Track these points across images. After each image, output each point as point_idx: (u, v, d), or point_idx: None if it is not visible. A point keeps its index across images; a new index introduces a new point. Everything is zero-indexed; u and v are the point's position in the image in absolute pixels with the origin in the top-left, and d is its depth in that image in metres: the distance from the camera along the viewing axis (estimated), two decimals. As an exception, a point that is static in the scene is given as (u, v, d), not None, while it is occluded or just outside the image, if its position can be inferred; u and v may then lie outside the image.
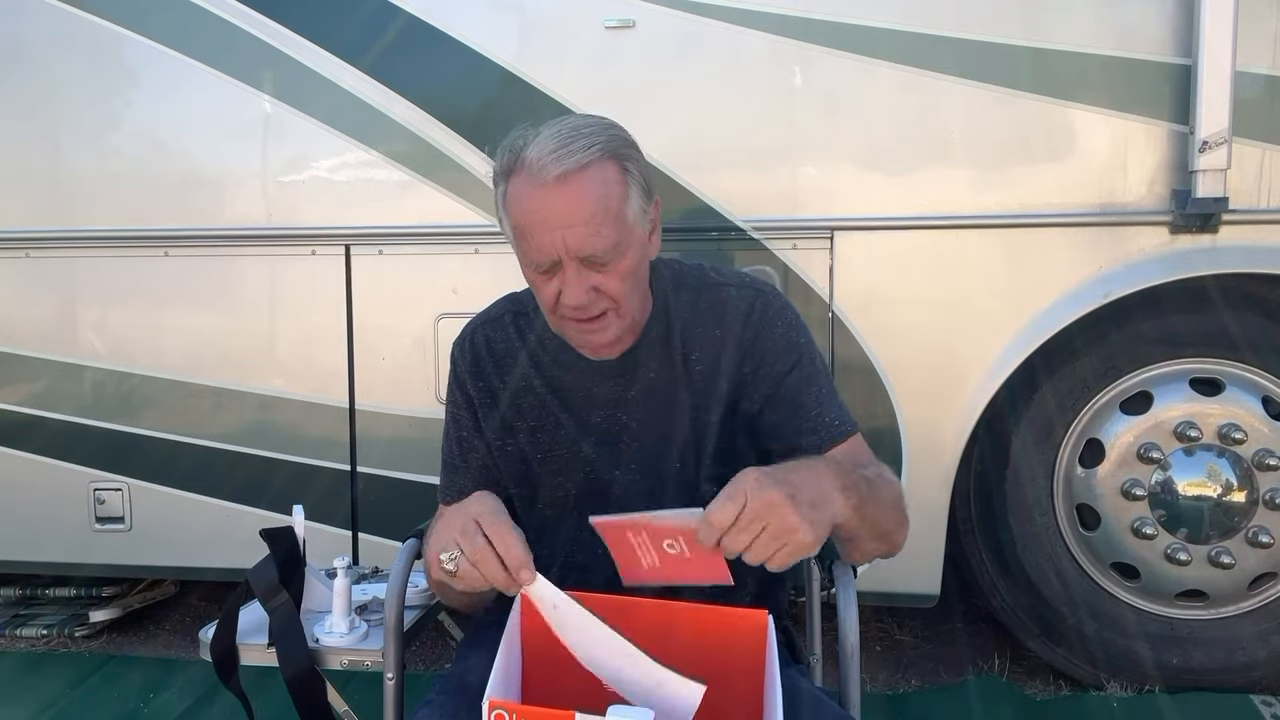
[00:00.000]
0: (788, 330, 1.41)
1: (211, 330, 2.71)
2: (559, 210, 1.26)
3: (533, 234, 1.28)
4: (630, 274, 1.32)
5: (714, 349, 1.41)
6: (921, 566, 2.48)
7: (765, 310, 1.41)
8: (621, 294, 1.32)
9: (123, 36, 2.66)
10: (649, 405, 1.42)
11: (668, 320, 1.43)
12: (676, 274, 1.47)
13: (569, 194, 1.26)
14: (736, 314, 1.41)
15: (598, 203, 1.27)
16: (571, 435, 1.45)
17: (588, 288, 1.29)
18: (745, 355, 1.40)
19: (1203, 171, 2.29)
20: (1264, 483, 2.44)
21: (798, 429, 1.38)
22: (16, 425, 2.81)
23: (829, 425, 1.39)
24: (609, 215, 1.28)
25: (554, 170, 1.25)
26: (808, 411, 1.39)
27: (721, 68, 2.45)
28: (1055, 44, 2.35)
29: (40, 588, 3.21)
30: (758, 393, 1.40)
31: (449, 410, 1.52)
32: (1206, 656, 2.51)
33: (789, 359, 1.40)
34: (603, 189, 1.28)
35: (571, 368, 1.44)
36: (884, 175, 2.44)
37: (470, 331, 1.51)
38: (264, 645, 1.70)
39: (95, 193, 2.72)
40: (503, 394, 1.46)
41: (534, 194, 1.27)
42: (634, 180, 1.32)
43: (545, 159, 1.25)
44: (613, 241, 1.28)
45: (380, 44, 2.55)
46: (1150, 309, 2.42)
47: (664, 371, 1.42)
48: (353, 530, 2.69)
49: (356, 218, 2.62)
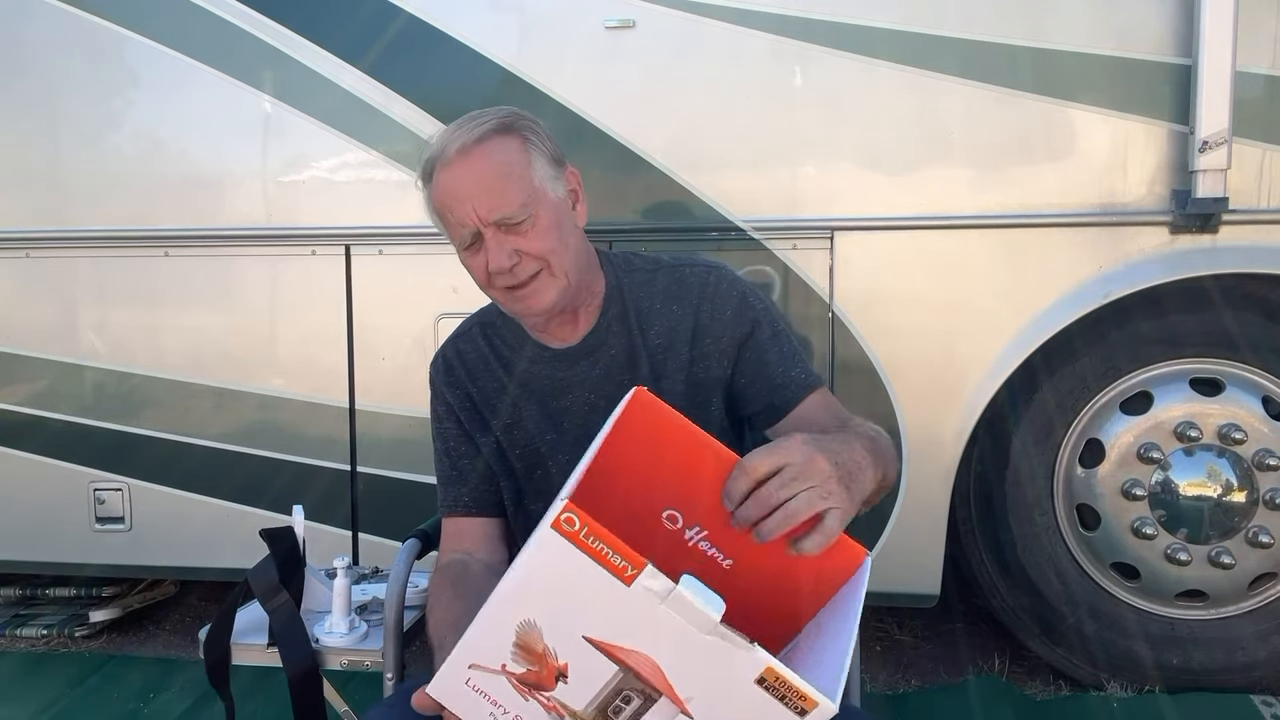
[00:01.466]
0: (742, 299, 1.45)
1: (211, 330, 2.71)
2: (465, 181, 1.34)
3: (450, 212, 1.36)
4: (550, 231, 1.37)
5: (671, 322, 1.45)
6: (921, 566, 2.48)
7: (719, 283, 1.46)
8: (545, 251, 1.36)
9: (123, 37, 2.66)
10: (614, 382, 1.45)
11: (623, 300, 1.48)
12: (627, 261, 1.53)
13: (470, 164, 1.34)
14: (690, 289, 1.46)
15: (499, 167, 1.35)
16: (545, 426, 1.47)
17: (509, 251, 1.35)
18: (703, 328, 1.44)
19: (1203, 171, 2.29)
20: (1264, 483, 2.44)
21: (768, 387, 1.42)
22: (16, 425, 2.81)
23: (796, 380, 1.42)
24: (512, 178, 1.35)
25: (454, 147, 1.34)
26: (774, 369, 1.43)
27: (721, 68, 2.45)
28: (1055, 44, 2.35)
29: (40, 588, 3.21)
30: (724, 360, 1.44)
31: (435, 427, 1.55)
32: (1206, 656, 2.51)
33: (746, 324, 1.44)
34: (502, 155, 1.35)
35: (539, 359, 1.48)
36: (884, 175, 2.44)
37: (442, 349, 1.57)
38: (263, 645, 1.70)
39: (95, 193, 2.72)
40: (479, 398, 1.51)
41: (443, 176, 1.36)
42: (535, 148, 1.38)
43: (448, 142, 1.35)
44: (519, 202, 1.34)
45: (380, 44, 2.55)
46: (1150, 309, 2.42)
47: (624, 348, 1.46)
48: (353, 530, 2.69)
49: (356, 218, 2.62)
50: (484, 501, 1.51)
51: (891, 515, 2.48)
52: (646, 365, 1.45)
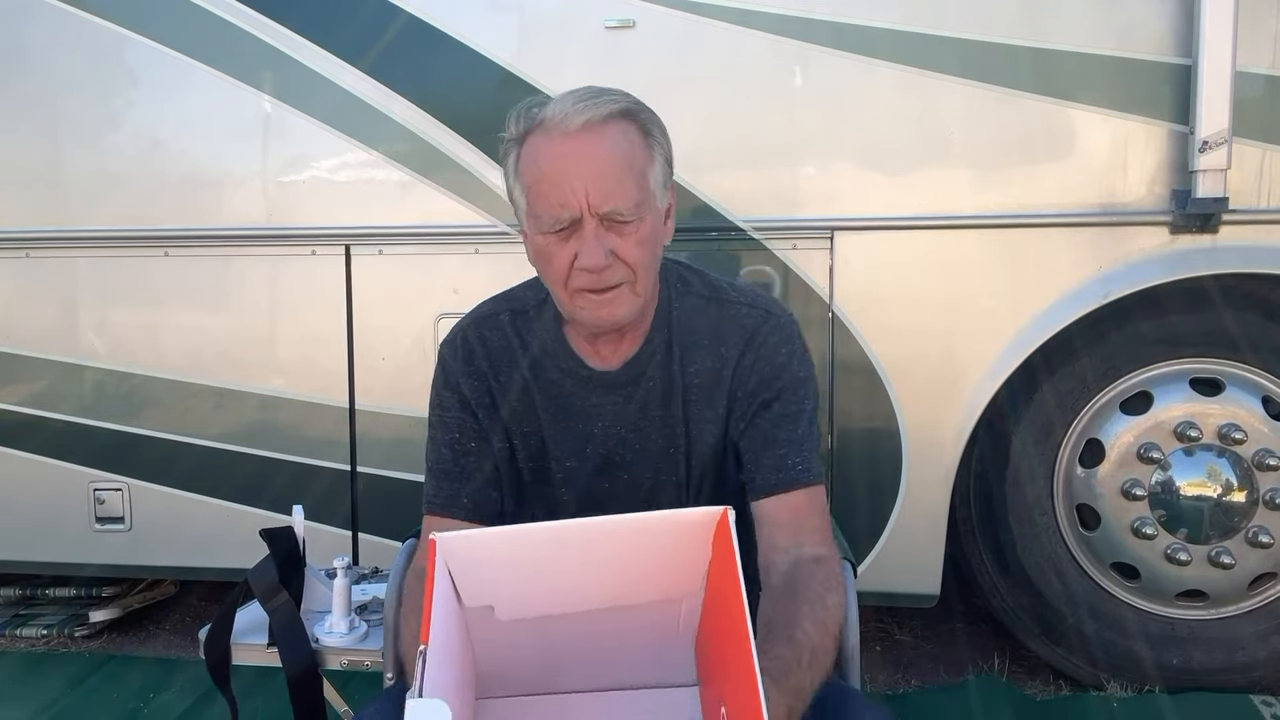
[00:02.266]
0: (788, 360, 1.35)
1: (211, 330, 2.71)
2: (585, 159, 1.21)
3: (552, 187, 1.22)
4: (647, 242, 1.26)
5: (714, 364, 1.36)
6: (921, 566, 2.48)
7: (769, 336, 1.35)
8: (637, 262, 1.25)
9: (123, 37, 2.66)
10: (647, 417, 1.38)
11: (669, 328, 1.37)
12: (682, 277, 1.41)
13: (595, 141, 1.21)
14: (741, 333, 1.36)
15: (623, 156, 1.23)
16: (565, 447, 1.39)
17: (606, 250, 1.22)
18: (741, 377, 1.35)
19: (1203, 171, 2.29)
20: (1264, 483, 2.44)
21: (762, 462, 1.33)
22: (16, 425, 2.81)
23: (790, 468, 1.32)
24: (633, 170, 1.23)
25: (578, 119, 1.21)
26: (777, 448, 1.33)
27: (721, 68, 2.45)
28: (1055, 44, 2.35)
29: (40, 588, 3.21)
30: (743, 417, 1.36)
31: (437, 414, 1.42)
32: (1206, 656, 2.51)
33: (775, 388, 1.34)
34: (627, 145, 1.24)
35: (572, 374, 1.38)
36: (884, 175, 2.44)
37: (462, 329, 1.43)
38: (263, 645, 1.70)
39: (95, 193, 2.72)
40: (499, 394, 1.39)
41: (556, 144, 1.22)
42: (658, 148, 1.28)
43: (569, 110, 1.22)
44: (635, 200, 1.23)
45: (380, 44, 2.55)
46: (1150, 309, 2.42)
47: (662, 380, 1.37)
48: (353, 530, 2.68)
49: (356, 218, 2.62)
50: (483, 508, 1.39)
51: (891, 515, 2.48)
52: (681, 406, 1.36)
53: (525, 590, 1.00)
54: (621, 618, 1.02)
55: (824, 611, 1.20)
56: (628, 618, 1.02)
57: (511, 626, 1.02)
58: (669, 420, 1.37)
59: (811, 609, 1.19)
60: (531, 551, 0.99)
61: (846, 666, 1.41)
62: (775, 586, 1.25)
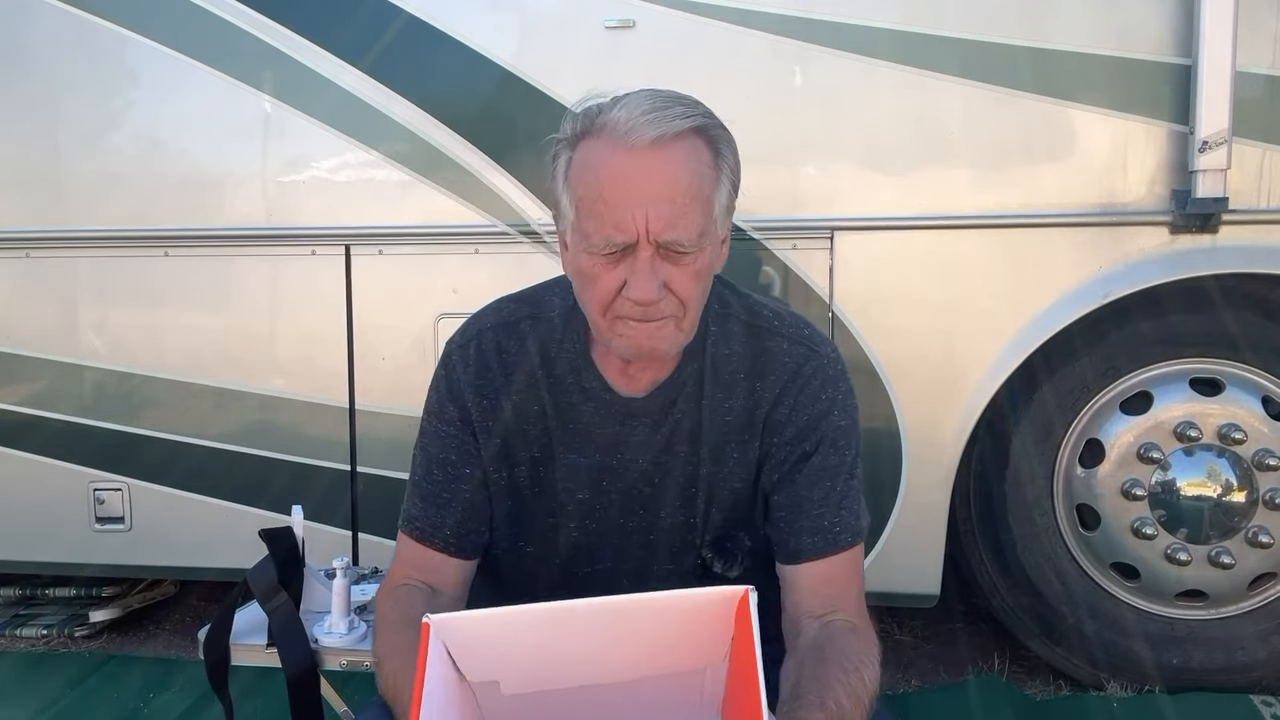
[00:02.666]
0: (829, 406, 1.25)
1: (211, 330, 2.71)
2: (649, 180, 1.08)
3: (610, 206, 1.09)
4: (703, 275, 1.15)
5: (748, 403, 1.25)
6: (921, 566, 2.48)
7: (812, 378, 1.24)
8: (690, 298, 1.14)
9: (123, 37, 2.66)
10: (671, 451, 1.26)
11: (704, 355, 1.25)
12: (722, 297, 1.28)
13: (662, 161, 1.09)
14: (782, 371, 1.25)
15: (692, 179, 1.10)
16: (580, 476, 1.28)
17: (659, 283, 1.10)
18: (777, 422, 1.24)
19: (1203, 171, 2.29)
20: (1264, 483, 2.44)
21: (797, 524, 1.23)
22: (16, 425, 2.81)
23: (827, 531, 1.23)
24: (700, 198, 1.11)
25: (649, 133, 1.08)
26: (813, 508, 1.23)
27: (721, 68, 2.45)
28: (1055, 44, 2.35)
29: (40, 588, 3.21)
30: (777, 468, 1.25)
31: (434, 425, 1.31)
32: (1206, 656, 2.51)
33: (815, 439, 1.23)
34: (697, 166, 1.11)
35: (596, 398, 1.25)
36: (884, 175, 2.44)
37: (476, 334, 1.30)
38: (263, 645, 1.70)
39: (95, 193, 2.72)
40: (509, 413, 1.26)
41: (619, 158, 1.09)
42: (726, 170, 1.15)
43: (636, 120, 1.09)
44: (699, 230, 1.11)
45: (380, 44, 2.55)
46: (1150, 309, 2.42)
47: (692, 414, 1.25)
48: (353, 530, 2.68)
49: (356, 218, 2.62)
50: (466, 543, 1.30)
51: (891, 515, 2.48)
52: (708, 445, 1.25)
53: (533, 667, 0.95)
54: (641, 688, 0.98)
55: (860, 685, 1.13)
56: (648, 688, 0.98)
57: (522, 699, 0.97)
58: (695, 458, 1.26)
59: (846, 678, 1.12)
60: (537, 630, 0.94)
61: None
62: (804, 649, 1.18)
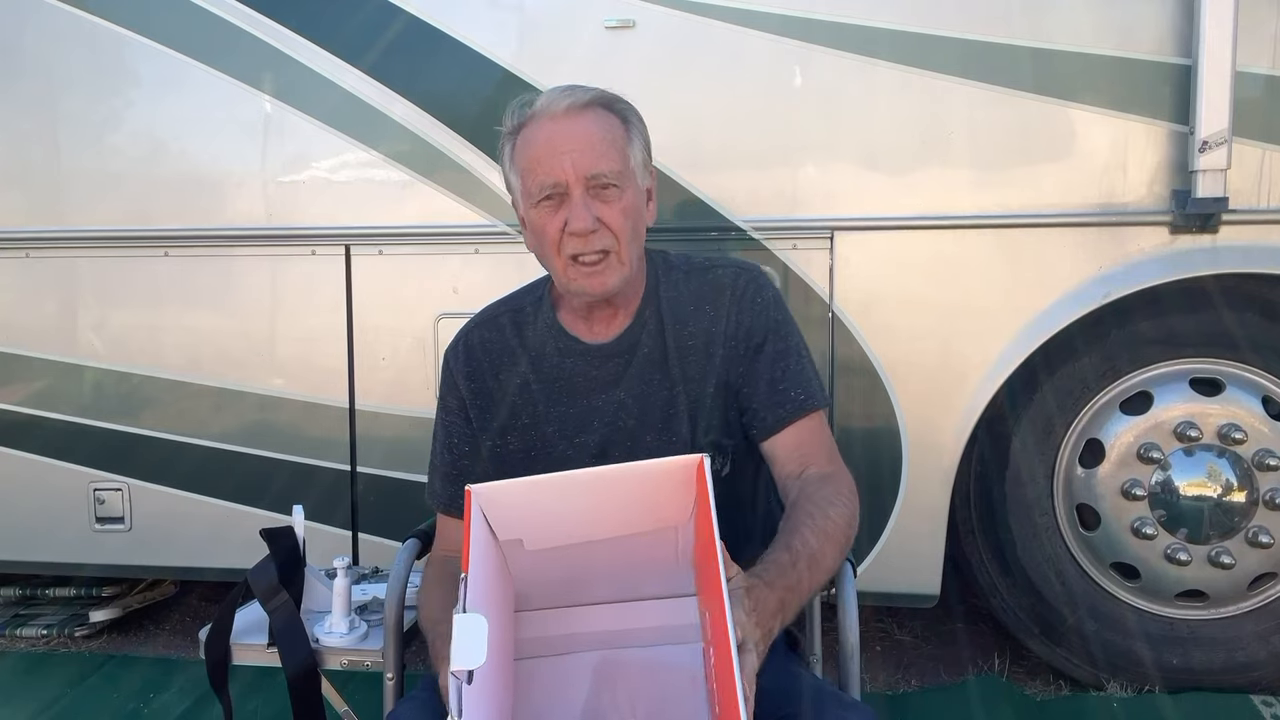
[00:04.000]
0: (766, 306, 1.47)
1: (211, 330, 2.71)
2: (570, 136, 1.37)
3: (541, 163, 1.37)
4: (630, 212, 1.39)
5: (704, 324, 1.46)
6: (921, 566, 2.48)
7: (747, 287, 1.47)
8: (620, 229, 1.38)
9: (123, 36, 2.66)
10: (646, 382, 1.46)
11: (659, 300, 1.48)
12: (666, 260, 1.54)
13: (577, 121, 1.38)
14: (722, 292, 1.47)
15: (605, 131, 1.39)
16: (571, 426, 1.47)
17: (592, 216, 1.36)
18: (731, 330, 1.46)
19: (1203, 171, 2.29)
20: (1264, 483, 2.44)
21: (766, 402, 1.44)
22: (16, 425, 2.81)
23: (793, 400, 1.43)
24: (614, 145, 1.39)
25: (563, 104, 1.38)
26: (775, 385, 1.44)
27: (721, 68, 2.45)
28: (1055, 44, 2.35)
29: (40, 588, 3.21)
30: (740, 362, 1.46)
31: (441, 416, 1.55)
32: (1206, 656, 2.51)
33: (760, 333, 1.45)
34: (608, 124, 1.40)
35: (570, 353, 1.48)
36: (884, 175, 2.44)
37: (464, 333, 1.54)
38: (263, 645, 1.70)
39: (95, 193, 2.72)
40: (498, 393, 1.49)
41: (544, 126, 1.38)
42: (636, 132, 1.43)
43: (554, 99, 1.39)
44: (617, 167, 1.38)
45: (380, 44, 2.55)
46: (1150, 309, 2.42)
47: (658, 348, 1.47)
48: (353, 530, 2.69)
49: (356, 218, 2.62)
50: None
51: (891, 515, 2.48)
52: (678, 366, 1.46)
53: (545, 526, 1.17)
54: (628, 543, 1.19)
55: (826, 521, 1.29)
56: (633, 543, 1.19)
57: (539, 554, 1.20)
58: (668, 381, 1.46)
59: (812, 519, 1.28)
60: (547, 496, 1.17)
61: (845, 666, 1.42)
62: (787, 507, 1.35)
